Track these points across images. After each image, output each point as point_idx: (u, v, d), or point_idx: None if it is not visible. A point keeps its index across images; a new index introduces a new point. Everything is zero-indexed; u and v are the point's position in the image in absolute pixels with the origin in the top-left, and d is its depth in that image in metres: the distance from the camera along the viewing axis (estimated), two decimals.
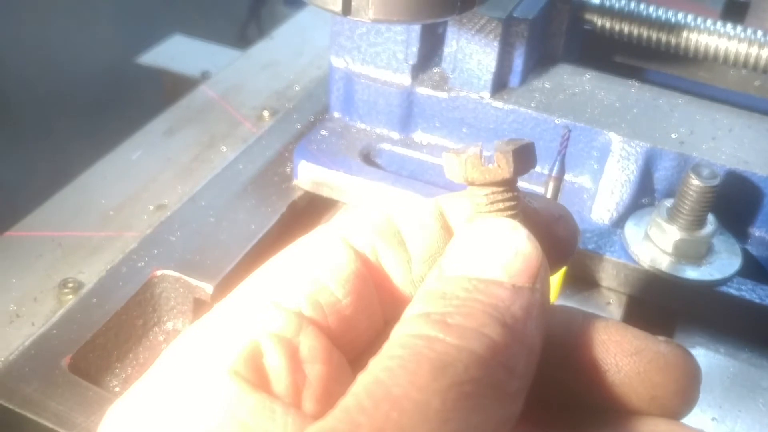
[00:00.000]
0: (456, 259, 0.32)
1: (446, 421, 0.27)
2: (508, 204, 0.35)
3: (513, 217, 0.35)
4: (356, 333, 0.35)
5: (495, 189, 0.35)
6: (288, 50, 1.11)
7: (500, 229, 0.33)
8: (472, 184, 0.35)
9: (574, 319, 0.35)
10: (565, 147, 0.66)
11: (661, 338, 0.34)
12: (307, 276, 0.34)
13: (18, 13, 1.79)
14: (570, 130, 0.67)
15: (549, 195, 0.69)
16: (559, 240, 0.37)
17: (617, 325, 0.34)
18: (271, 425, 0.29)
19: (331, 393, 0.31)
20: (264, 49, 1.13)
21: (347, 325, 0.34)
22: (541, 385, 0.32)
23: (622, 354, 0.33)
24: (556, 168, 0.68)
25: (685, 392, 0.34)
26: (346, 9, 0.59)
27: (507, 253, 0.32)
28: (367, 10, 0.58)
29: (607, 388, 0.33)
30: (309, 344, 0.32)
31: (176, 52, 1.42)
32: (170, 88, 1.38)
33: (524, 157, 0.35)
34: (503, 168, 0.34)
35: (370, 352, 0.31)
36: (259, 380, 0.31)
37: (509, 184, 0.35)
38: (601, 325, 0.34)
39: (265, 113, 0.97)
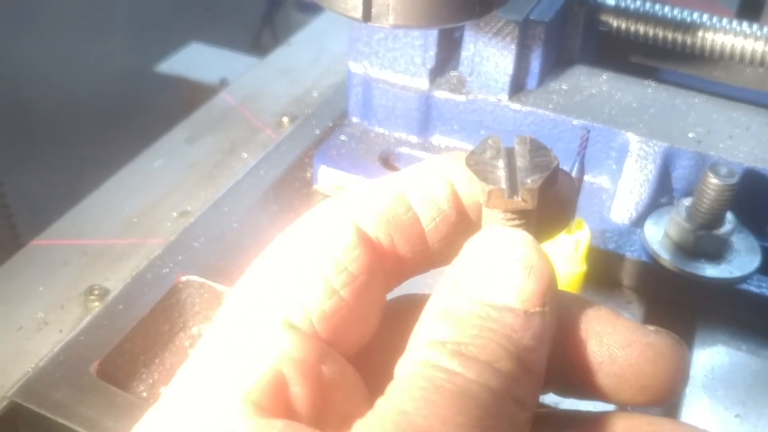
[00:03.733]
0: (469, 278, 0.33)
1: None
2: (522, 221, 0.34)
3: (525, 226, 0.34)
4: (359, 334, 0.35)
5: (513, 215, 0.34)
6: (305, 57, 1.12)
7: (513, 244, 0.33)
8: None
9: (568, 309, 0.35)
10: (585, 148, 0.67)
11: (651, 328, 0.35)
12: (318, 279, 0.33)
13: (35, 23, 1.80)
14: (589, 132, 0.68)
15: None
16: (556, 197, 0.37)
17: (609, 316, 0.35)
18: None
19: (348, 414, 0.31)
20: (281, 56, 1.14)
21: (351, 327, 0.34)
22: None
23: (615, 346, 0.34)
24: (575, 169, 0.68)
25: (672, 379, 0.35)
26: (367, 15, 0.59)
27: (519, 274, 0.32)
28: (388, 17, 0.59)
29: (602, 378, 0.34)
30: (329, 369, 0.32)
31: (193, 60, 1.43)
32: (187, 96, 1.40)
33: (548, 185, 0.34)
34: (528, 202, 0.34)
35: (371, 347, 0.34)
36: (282, 407, 0.31)
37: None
38: (594, 315, 0.35)
39: (285, 119, 0.97)
